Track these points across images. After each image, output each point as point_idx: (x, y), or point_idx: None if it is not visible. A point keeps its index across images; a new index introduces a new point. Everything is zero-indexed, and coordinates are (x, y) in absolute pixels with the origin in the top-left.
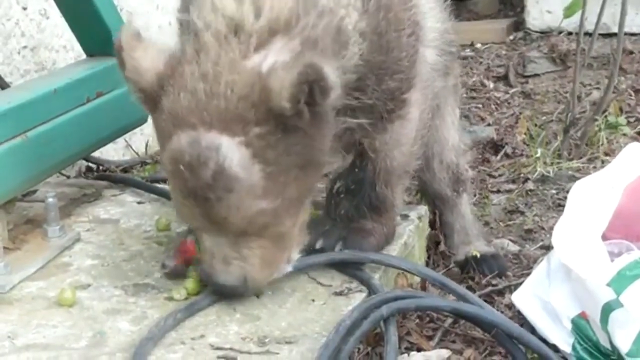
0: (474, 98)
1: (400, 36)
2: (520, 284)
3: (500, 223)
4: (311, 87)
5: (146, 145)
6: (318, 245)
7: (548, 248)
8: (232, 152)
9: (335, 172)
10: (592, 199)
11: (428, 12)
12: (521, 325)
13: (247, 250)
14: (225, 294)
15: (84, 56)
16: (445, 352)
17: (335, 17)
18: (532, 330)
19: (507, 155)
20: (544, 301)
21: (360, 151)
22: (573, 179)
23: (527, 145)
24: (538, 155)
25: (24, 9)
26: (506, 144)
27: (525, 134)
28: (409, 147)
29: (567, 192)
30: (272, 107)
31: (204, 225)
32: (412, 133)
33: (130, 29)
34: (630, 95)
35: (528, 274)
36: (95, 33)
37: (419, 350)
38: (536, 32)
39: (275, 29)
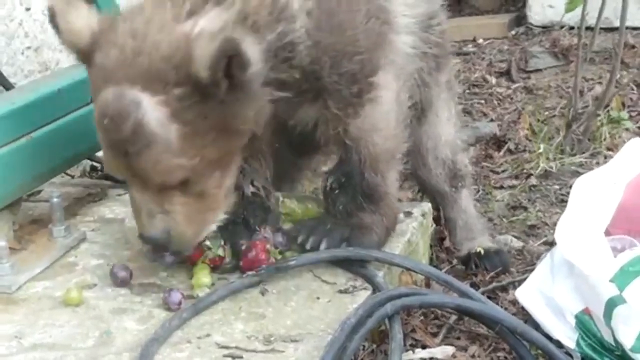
0: (476, 94)
1: (355, 17)
2: (524, 279)
3: (504, 219)
4: (229, 61)
5: None
6: (322, 246)
7: (551, 244)
8: (151, 109)
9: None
10: (594, 195)
11: None
12: (525, 322)
13: (169, 205)
14: (154, 248)
15: None
16: (450, 349)
17: None
18: (536, 326)
19: (510, 151)
20: (547, 297)
21: (342, 142)
22: (576, 174)
23: (530, 140)
24: (541, 150)
25: (28, 9)
26: (509, 139)
27: (527, 129)
28: (390, 130)
29: (570, 187)
30: (191, 72)
31: (129, 178)
32: (389, 116)
33: None
34: (633, 89)
35: (532, 270)
36: None
37: (423, 347)
38: (538, 27)
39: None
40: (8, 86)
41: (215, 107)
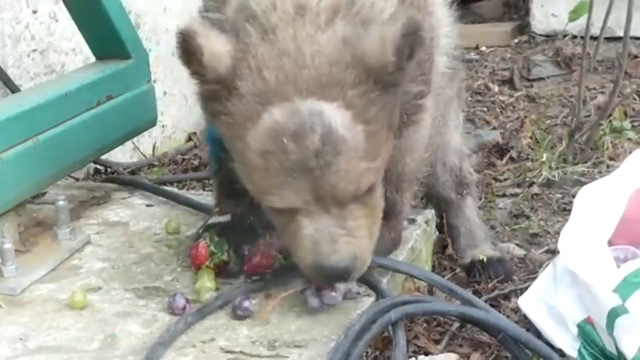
0: (479, 101)
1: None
2: (526, 288)
3: (506, 227)
4: (413, 40)
5: (153, 147)
6: None
7: (553, 252)
8: (335, 115)
9: None
10: (598, 205)
11: (441, 19)
12: (527, 330)
13: (352, 222)
14: (333, 279)
15: (92, 59)
16: (453, 356)
17: (380, 3)
18: (538, 334)
19: (512, 159)
20: (550, 306)
21: None
22: (578, 183)
23: (533, 149)
24: (543, 159)
25: (34, 12)
26: (511, 147)
27: (530, 137)
28: (421, 153)
29: (572, 196)
30: (370, 66)
31: (306, 205)
32: (425, 139)
33: (194, 19)
34: (635, 99)
35: (534, 278)
36: (105, 36)
37: (426, 354)
38: (541, 35)
39: (337, 9)
40: (14, 89)
41: (391, 99)
